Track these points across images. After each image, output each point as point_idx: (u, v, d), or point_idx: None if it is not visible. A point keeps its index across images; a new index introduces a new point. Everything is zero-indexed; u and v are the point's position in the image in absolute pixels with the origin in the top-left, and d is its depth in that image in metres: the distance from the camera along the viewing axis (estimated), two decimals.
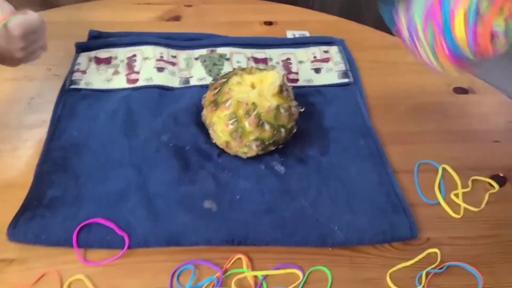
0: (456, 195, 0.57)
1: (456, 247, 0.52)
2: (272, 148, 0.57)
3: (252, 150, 0.55)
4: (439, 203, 0.56)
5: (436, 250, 0.51)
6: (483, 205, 0.56)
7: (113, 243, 0.49)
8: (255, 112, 0.53)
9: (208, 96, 0.57)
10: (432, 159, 0.61)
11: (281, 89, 0.55)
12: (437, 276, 0.50)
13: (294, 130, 0.58)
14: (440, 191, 0.57)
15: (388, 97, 0.68)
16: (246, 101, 0.53)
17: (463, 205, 0.56)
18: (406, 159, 0.61)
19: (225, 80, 0.56)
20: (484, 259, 0.51)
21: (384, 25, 0.50)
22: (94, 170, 0.55)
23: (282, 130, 0.55)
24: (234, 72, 0.57)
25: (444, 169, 0.60)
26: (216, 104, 0.55)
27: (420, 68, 0.51)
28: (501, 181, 0.59)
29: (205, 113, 0.57)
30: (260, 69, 0.57)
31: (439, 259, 0.51)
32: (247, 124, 0.53)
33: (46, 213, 0.50)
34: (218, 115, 0.54)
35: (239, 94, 0.54)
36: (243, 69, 0.57)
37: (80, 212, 0.51)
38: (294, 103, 0.57)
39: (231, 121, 0.53)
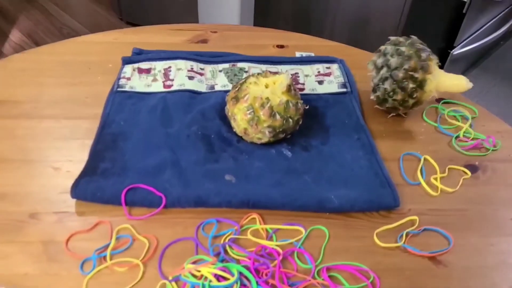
0: (435, 179, 0.68)
1: (433, 216, 0.63)
2: (282, 136, 0.69)
3: (266, 136, 0.68)
4: (420, 184, 0.68)
5: (415, 217, 0.62)
6: (457, 187, 0.68)
7: (152, 202, 0.61)
8: (268, 105, 0.66)
9: (231, 94, 0.70)
10: (416, 151, 0.73)
11: (289, 88, 0.68)
12: (415, 236, 0.60)
13: (300, 122, 0.71)
14: (421, 175, 0.69)
15: None
16: (261, 96, 0.67)
17: (440, 186, 0.67)
18: (393, 150, 0.73)
19: (243, 81, 0.70)
20: (456, 226, 0.62)
21: (373, 50, 0.64)
22: (137, 150, 0.68)
23: (290, 120, 0.68)
24: (251, 75, 0.71)
25: (425, 159, 0.71)
26: (237, 99, 0.68)
27: None
28: (474, 169, 0.71)
29: (228, 106, 0.70)
30: (273, 74, 0.71)
31: (417, 224, 0.62)
32: (262, 114, 0.66)
33: (100, 179, 0.63)
34: (238, 107, 0.68)
35: (256, 91, 0.68)
36: (258, 74, 0.71)
37: (126, 180, 0.63)
38: (300, 100, 0.70)
39: (249, 111, 0.67)
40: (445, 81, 0.73)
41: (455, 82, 0.73)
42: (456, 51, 1.92)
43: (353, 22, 1.63)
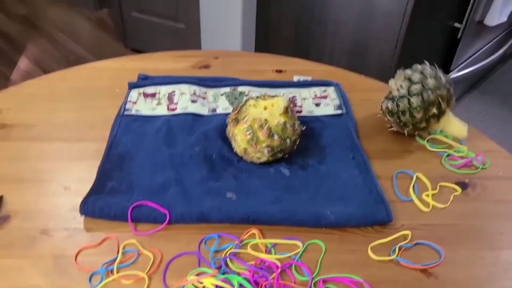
0: (427, 195, 0.71)
1: (425, 231, 0.66)
2: (280, 155, 0.73)
3: (264, 155, 0.72)
4: (412, 201, 0.71)
5: (408, 232, 0.65)
6: (448, 204, 0.71)
7: (157, 218, 0.65)
8: (266, 126, 0.70)
9: (231, 116, 0.74)
10: (409, 169, 0.76)
11: (287, 110, 0.72)
12: (408, 250, 0.63)
13: (297, 142, 0.74)
14: (414, 192, 0.72)
15: (373, 125, 0.85)
16: (259, 117, 0.71)
17: (432, 202, 0.70)
18: (387, 168, 0.76)
19: (243, 103, 0.74)
20: (446, 240, 0.65)
21: (374, 74, 0.68)
22: (142, 169, 0.72)
23: (288, 140, 0.72)
24: (250, 98, 0.75)
25: (417, 177, 0.75)
26: (237, 120, 0.72)
27: None
28: (464, 186, 0.74)
29: (228, 128, 0.74)
30: (271, 97, 0.75)
31: (410, 238, 0.64)
32: (261, 135, 0.70)
33: (107, 197, 0.67)
34: (239, 128, 0.72)
35: (255, 113, 0.72)
36: (258, 97, 0.75)
37: (132, 197, 0.67)
38: (297, 121, 0.74)
39: (248, 132, 0.70)
40: (452, 122, 0.79)
41: (459, 128, 0.79)
42: (453, 75, 1.97)
43: (352, 47, 1.69)
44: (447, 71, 1.94)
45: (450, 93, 0.77)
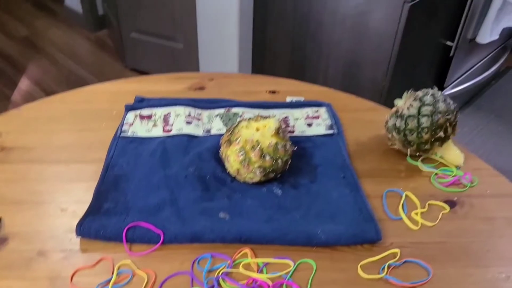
0: (416, 214, 0.73)
1: (413, 249, 0.67)
2: (272, 175, 0.75)
3: (257, 176, 0.73)
4: (401, 219, 0.72)
5: (397, 250, 0.67)
6: (437, 222, 0.72)
7: (151, 239, 0.66)
8: (258, 147, 0.72)
9: (224, 137, 0.76)
10: (398, 188, 0.78)
11: (278, 131, 0.74)
12: (397, 268, 0.64)
13: (289, 162, 0.76)
14: (403, 210, 0.74)
15: (364, 144, 0.87)
16: (252, 139, 0.73)
17: (420, 220, 0.72)
18: (377, 187, 0.78)
19: (236, 125, 0.76)
20: (435, 258, 0.66)
21: (368, 92, 0.70)
22: (138, 190, 0.74)
23: (280, 161, 0.74)
24: (243, 119, 0.77)
25: (407, 195, 0.76)
26: (230, 141, 0.74)
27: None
28: (452, 204, 0.75)
29: (222, 149, 0.76)
30: (263, 118, 0.77)
31: (399, 256, 0.66)
32: (253, 156, 0.72)
33: (103, 218, 0.68)
34: (231, 149, 0.74)
35: (247, 134, 0.74)
36: (250, 118, 0.77)
37: (127, 218, 0.69)
38: (289, 142, 0.76)
39: (241, 153, 0.72)
40: (451, 149, 0.83)
41: (455, 155, 0.83)
42: (447, 91, 2.00)
43: (346, 67, 1.72)
44: (441, 88, 1.98)
45: (456, 120, 0.80)
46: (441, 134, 0.78)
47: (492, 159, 1.98)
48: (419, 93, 0.81)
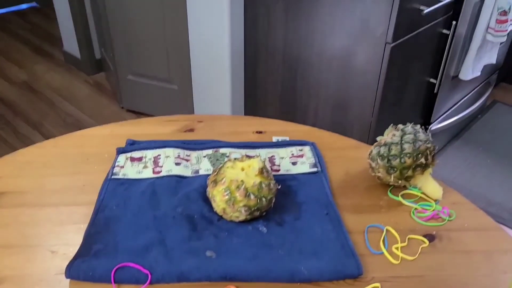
0: (396, 248, 0.75)
1: (394, 283, 0.69)
2: (257, 213, 0.78)
3: (242, 214, 0.76)
4: (383, 254, 0.74)
5: (378, 284, 0.69)
6: (416, 255, 0.74)
7: (139, 279, 0.68)
8: (243, 186, 0.75)
9: (211, 177, 0.80)
10: (379, 223, 0.80)
11: (262, 171, 0.78)
12: None
13: (273, 200, 0.79)
14: (384, 245, 0.76)
15: (347, 181, 0.90)
16: (236, 179, 0.76)
17: (401, 255, 0.74)
18: (359, 223, 0.80)
19: (222, 165, 0.80)
20: None
21: (356, 129, 0.74)
22: (127, 232, 0.76)
23: (264, 199, 0.77)
24: (228, 160, 0.81)
25: (387, 230, 0.79)
26: (215, 182, 0.77)
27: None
28: (431, 238, 0.78)
29: (208, 189, 0.79)
30: (248, 158, 0.81)
31: None
32: (238, 195, 0.75)
33: (92, 259, 0.70)
34: (217, 189, 0.77)
35: (232, 175, 0.77)
36: (235, 158, 0.81)
37: (116, 259, 0.71)
38: (273, 181, 0.79)
39: (226, 193, 0.75)
40: (430, 183, 0.86)
41: (435, 189, 0.86)
42: (434, 126, 2.05)
43: (334, 105, 1.77)
44: (427, 123, 2.03)
45: (435, 150, 0.85)
46: (422, 160, 0.83)
47: (482, 191, 2.01)
48: (400, 126, 0.88)
